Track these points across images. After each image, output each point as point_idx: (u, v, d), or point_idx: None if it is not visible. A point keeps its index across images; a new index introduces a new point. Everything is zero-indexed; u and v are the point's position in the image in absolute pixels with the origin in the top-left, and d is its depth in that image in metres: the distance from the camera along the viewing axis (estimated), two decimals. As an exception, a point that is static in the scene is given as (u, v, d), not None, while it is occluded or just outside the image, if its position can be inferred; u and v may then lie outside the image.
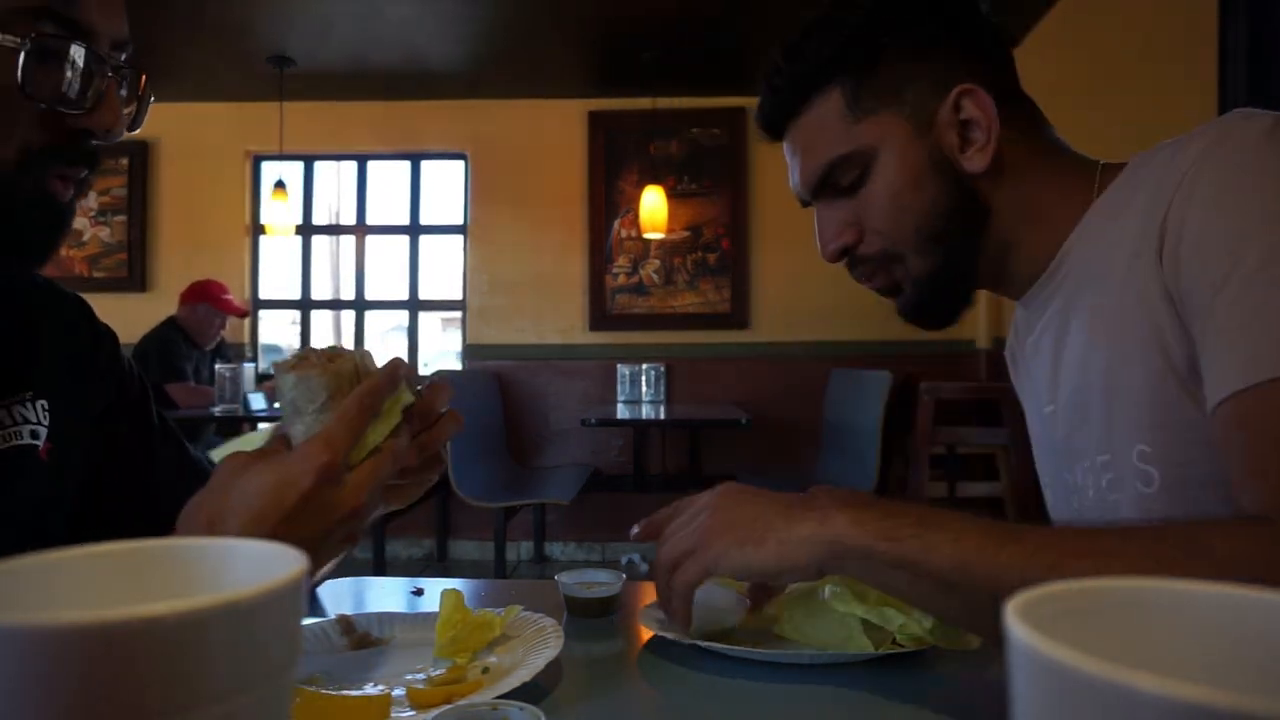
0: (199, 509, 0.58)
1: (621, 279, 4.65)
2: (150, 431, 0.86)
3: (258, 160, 4.85)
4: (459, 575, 4.30)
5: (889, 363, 3.85)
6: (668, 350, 4.64)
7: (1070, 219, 0.79)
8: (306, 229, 4.83)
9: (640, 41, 3.94)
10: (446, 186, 4.95)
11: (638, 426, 4.44)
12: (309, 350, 0.64)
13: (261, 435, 0.69)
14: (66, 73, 0.61)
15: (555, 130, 4.66)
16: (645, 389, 4.57)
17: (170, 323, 3.89)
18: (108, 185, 4.66)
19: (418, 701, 0.66)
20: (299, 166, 4.81)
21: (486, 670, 0.72)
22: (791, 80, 0.83)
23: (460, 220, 4.82)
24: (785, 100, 0.84)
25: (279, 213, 4.26)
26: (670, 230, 4.43)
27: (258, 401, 3.78)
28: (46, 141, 0.63)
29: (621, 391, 4.59)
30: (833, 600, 0.77)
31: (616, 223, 4.65)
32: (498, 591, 1.05)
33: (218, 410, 3.67)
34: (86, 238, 4.68)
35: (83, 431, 0.78)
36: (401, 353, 4.94)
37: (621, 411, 4.26)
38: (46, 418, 0.74)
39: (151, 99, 0.72)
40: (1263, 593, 0.26)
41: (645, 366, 4.59)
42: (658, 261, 4.64)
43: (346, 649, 0.80)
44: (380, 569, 3.87)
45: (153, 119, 0.73)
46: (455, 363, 4.95)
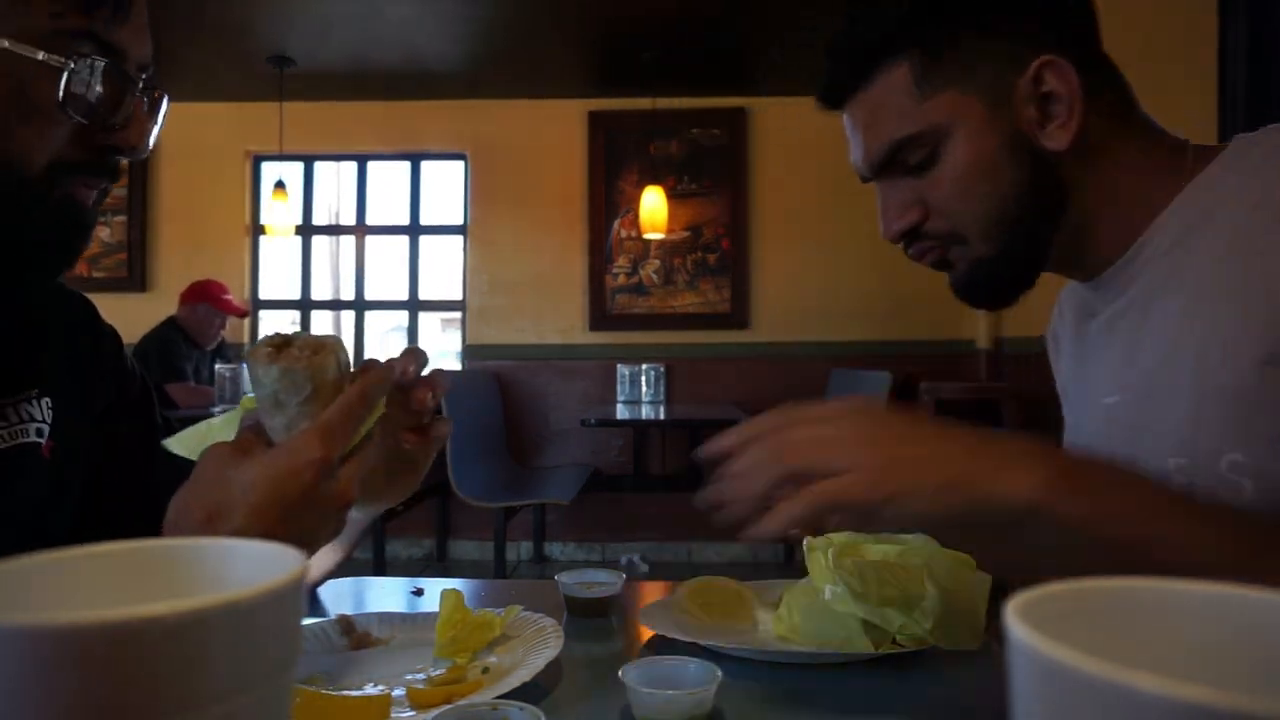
0: (193, 503, 0.58)
1: (621, 279, 4.65)
2: (152, 431, 0.86)
3: (258, 160, 4.85)
4: (459, 575, 4.30)
5: (889, 363, 3.85)
6: (668, 350, 4.64)
7: (1158, 200, 0.74)
8: (306, 229, 4.83)
9: (640, 41, 3.94)
10: (446, 187, 4.95)
11: (638, 426, 4.44)
12: (287, 337, 0.59)
13: (222, 422, 0.67)
14: (102, 92, 0.64)
15: (555, 130, 4.66)
16: (645, 389, 4.57)
17: (170, 323, 3.90)
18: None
19: (418, 701, 0.66)
20: (299, 167, 4.81)
21: (486, 670, 0.72)
22: (856, 51, 0.77)
23: (460, 220, 4.82)
24: (848, 72, 0.78)
25: (279, 213, 4.26)
26: (670, 230, 4.43)
27: (258, 401, 3.78)
28: (77, 156, 0.65)
29: (621, 391, 4.59)
30: (833, 600, 0.77)
31: (616, 223, 4.65)
32: (498, 591, 1.05)
33: (217, 410, 3.66)
34: (86, 238, 4.68)
35: (85, 430, 0.78)
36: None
37: (621, 411, 4.26)
38: (50, 416, 0.74)
39: (166, 118, 0.75)
40: (1262, 593, 0.26)
41: (645, 366, 4.59)
42: (658, 261, 4.64)
43: (346, 649, 0.80)
44: (380, 569, 3.87)
45: (153, 119, 0.74)
46: (455, 363, 4.95)
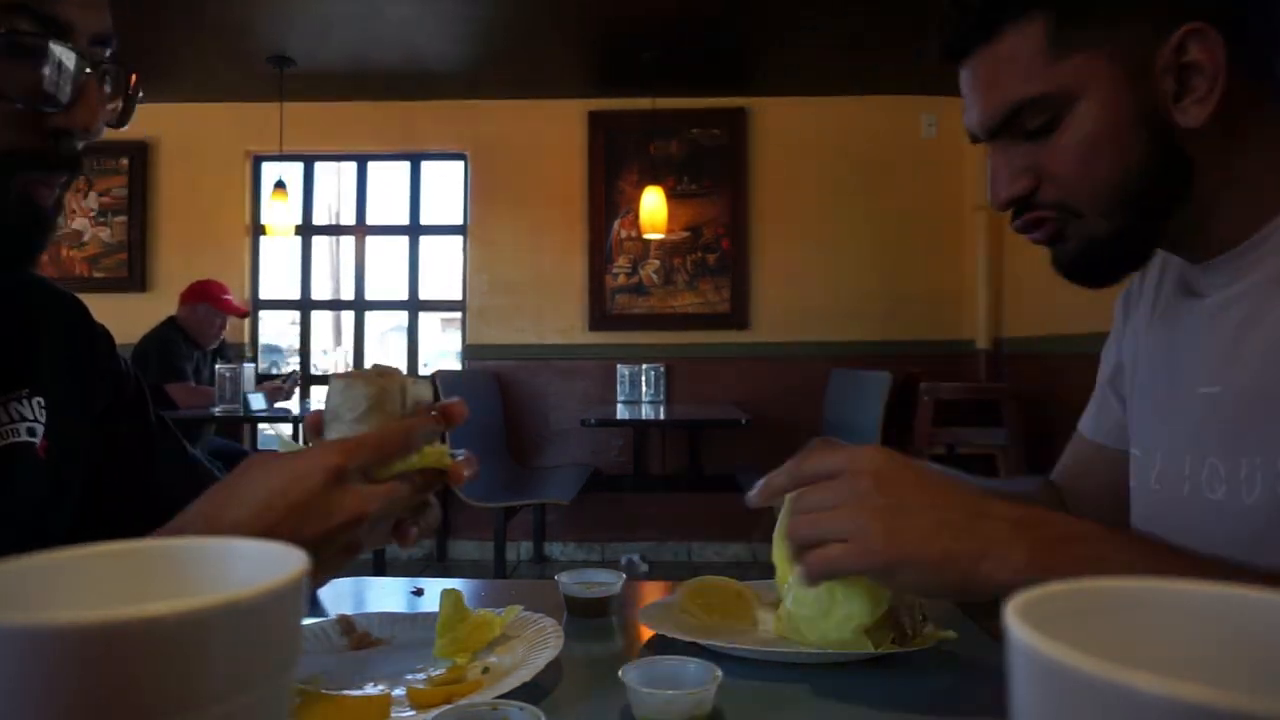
0: (203, 499, 0.59)
1: (621, 279, 4.65)
2: (149, 431, 0.86)
3: (258, 160, 4.85)
4: (459, 575, 4.30)
5: (889, 363, 3.85)
6: (667, 350, 4.64)
7: None
8: (306, 229, 4.83)
9: (640, 41, 3.94)
10: (446, 187, 4.95)
11: (638, 426, 4.44)
12: (379, 367, 0.64)
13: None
14: (42, 70, 0.59)
15: (555, 130, 4.66)
16: (645, 389, 4.57)
17: (170, 323, 3.90)
18: (108, 185, 4.65)
19: (418, 701, 0.66)
20: (299, 167, 4.81)
21: (486, 670, 0.72)
22: (988, 4, 0.72)
23: (460, 220, 4.82)
24: (977, 22, 0.73)
25: (279, 213, 4.25)
26: (670, 230, 4.43)
27: (257, 402, 3.78)
28: (25, 144, 0.61)
29: (621, 391, 4.59)
30: (792, 605, 0.77)
31: (616, 223, 4.65)
32: (498, 591, 1.05)
33: (218, 410, 3.67)
34: (86, 238, 4.68)
35: (81, 430, 0.78)
36: (401, 353, 4.91)
37: (621, 411, 4.26)
38: (43, 415, 0.73)
39: (140, 95, 0.70)
40: (1262, 593, 0.26)
41: (645, 367, 4.59)
42: (657, 262, 4.64)
43: (346, 649, 0.80)
44: (380, 569, 3.87)
45: (153, 119, 0.72)
46: (455, 363, 4.95)
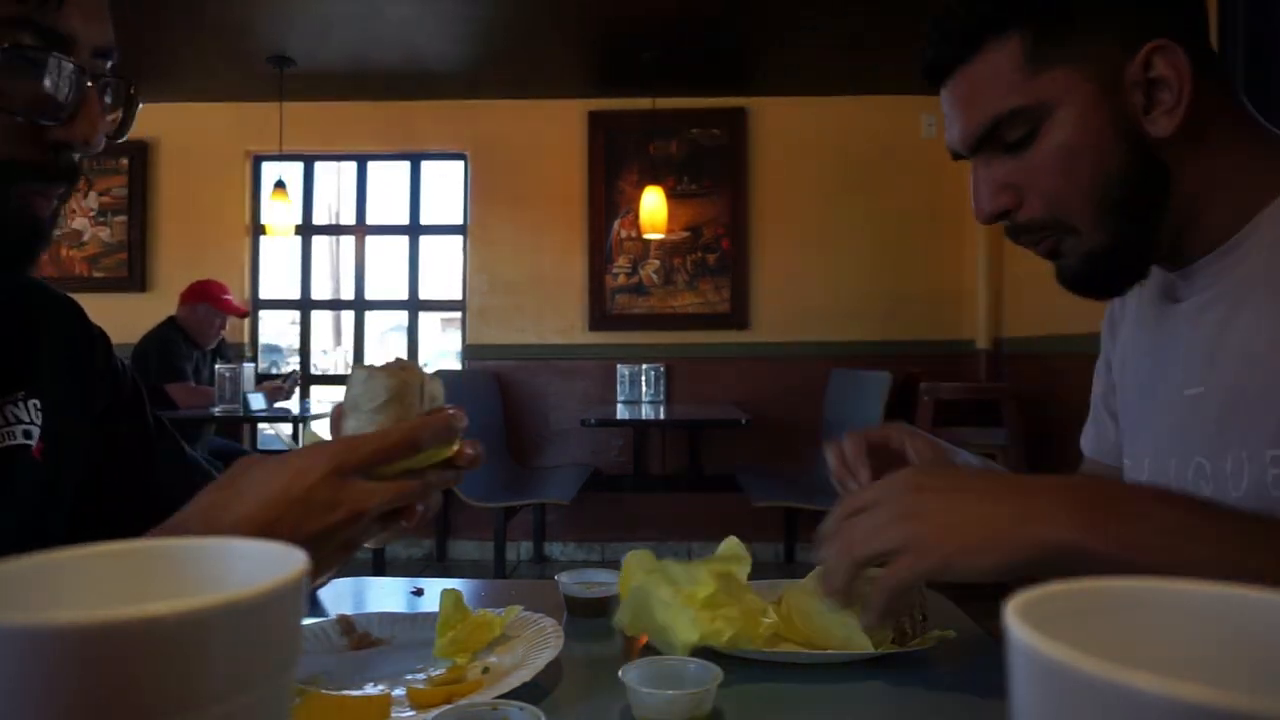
0: (204, 494, 0.59)
1: (621, 279, 4.65)
2: (147, 431, 0.86)
3: (258, 160, 4.84)
4: (459, 575, 4.30)
5: (889, 363, 3.85)
6: (667, 350, 4.64)
7: (1261, 194, 0.74)
8: (306, 229, 4.83)
9: (640, 41, 3.94)
10: (446, 187, 4.95)
11: (638, 426, 4.44)
12: (392, 361, 0.64)
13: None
14: (43, 83, 0.59)
15: (555, 130, 4.66)
16: (645, 389, 4.57)
17: (170, 323, 3.90)
18: (108, 185, 4.65)
19: (418, 701, 0.66)
20: (299, 167, 4.81)
21: (486, 670, 0.72)
22: (968, 22, 0.77)
23: (460, 220, 4.82)
24: (957, 43, 0.78)
25: (279, 213, 4.25)
26: (670, 230, 4.43)
27: (257, 402, 3.78)
28: (24, 155, 0.61)
29: (621, 391, 4.59)
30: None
31: (616, 223, 4.65)
32: (498, 591, 1.05)
33: (217, 410, 3.67)
34: (86, 238, 4.68)
35: (79, 431, 0.78)
36: (401, 353, 4.91)
37: (621, 411, 4.26)
38: (39, 417, 0.73)
39: (139, 105, 0.70)
40: (1262, 593, 0.26)
41: (645, 367, 4.59)
42: (657, 262, 4.64)
43: (346, 649, 0.80)
44: (380, 569, 3.86)
45: (153, 119, 0.72)
46: (455, 363, 4.95)
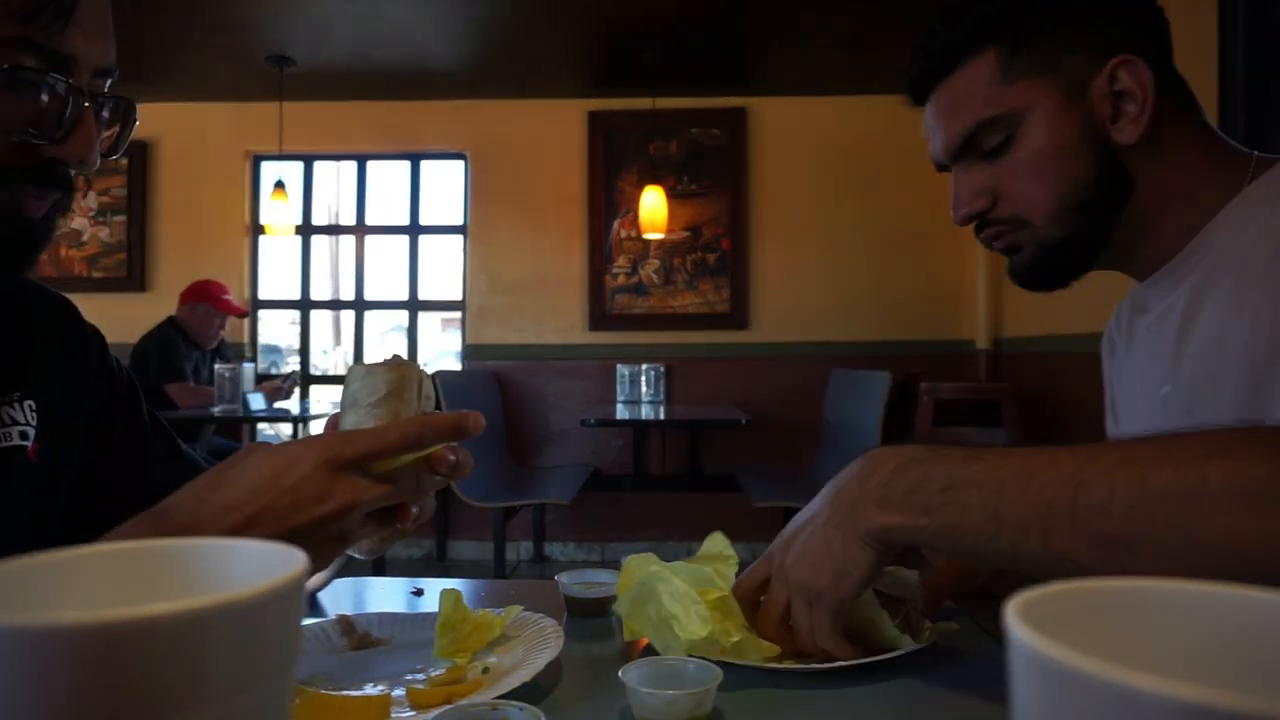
0: (198, 480, 0.59)
1: (621, 279, 4.65)
2: (142, 430, 0.86)
3: (257, 160, 4.84)
4: (459, 575, 4.30)
5: (889, 363, 3.85)
6: (667, 350, 4.64)
7: (1217, 202, 0.78)
8: (306, 229, 4.83)
9: (640, 41, 3.94)
10: (446, 186, 4.94)
11: (638, 426, 4.44)
12: (390, 358, 0.66)
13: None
14: (40, 103, 0.59)
15: (555, 130, 4.66)
16: (645, 389, 4.57)
17: (170, 323, 3.90)
18: (108, 185, 4.65)
19: (418, 701, 0.66)
20: (299, 166, 4.81)
21: (486, 670, 0.72)
22: (949, 39, 0.82)
23: (460, 220, 4.82)
24: (939, 60, 0.83)
25: (279, 213, 4.25)
26: (670, 230, 4.43)
27: (257, 402, 3.78)
28: (21, 165, 0.61)
29: (621, 391, 4.59)
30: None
31: (616, 223, 4.65)
32: (498, 591, 1.05)
33: (217, 410, 3.67)
34: (86, 238, 4.68)
35: (74, 431, 0.78)
36: (401, 353, 4.89)
37: (621, 411, 4.26)
38: (34, 418, 0.74)
39: (136, 124, 0.71)
40: (1263, 593, 0.26)
41: (645, 367, 4.59)
42: (657, 262, 4.64)
43: (346, 649, 0.80)
44: (380, 569, 3.86)
45: (153, 119, 0.73)
46: (455, 363, 4.95)
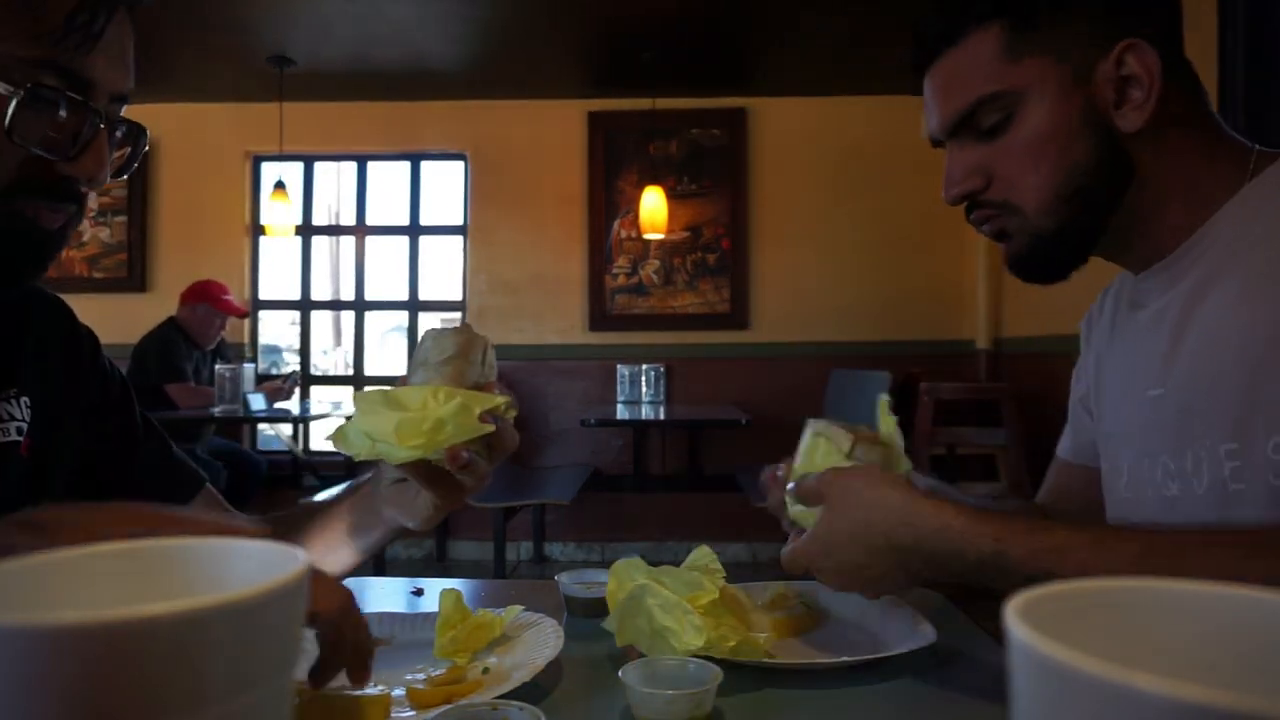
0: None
1: (621, 279, 4.65)
2: (132, 431, 0.86)
3: (257, 160, 4.84)
4: (459, 575, 4.30)
5: (889, 363, 3.85)
6: (667, 350, 4.63)
7: (1219, 195, 0.76)
8: (306, 229, 4.83)
9: (640, 41, 3.94)
10: (446, 187, 4.94)
11: (638, 427, 4.44)
12: (461, 324, 0.72)
13: (412, 388, 0.67)
14: (58, 122, 0.61)
15: (555, 130, 4.66)
16: (645, 389, 4.57)
17: (170, 323, 3.90)
18: (108, 186, 4.64)
19: (418, 701, 0.66)
20: (299, 167, 4.81)
21: (486, 670, 0.72)
22: (953, 10, 0.80)
23: (460, 221, 4.82)
24: (944, 30, 0.81)
25: (279, 213, 4.25)
26: (670, 231, 4.43)
27: (257, 402, 3.78)
28: (35, 180, 0.63)
29: (621, 392, 4.58)
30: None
31: (616, 223, 4.64)
32: (498, 591, 1.05)
33: (217, 411, 3.67)
34: (86, 238, 4.67)
35: (67, 429, 0.79)
36: (402, 353, 4.88)
37: (621, 412, 4.26)
38: (28, 415, 0.75)
39: (146, 147, 0.73)
40: (1262, 593, 0.26)
41: (645, 367, 4.58)
42: (657, 262, 4.64)
43: (346, 649, 0.79)
44: (380, 569, 3.86)
45: (153, 119, 0.74)
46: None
